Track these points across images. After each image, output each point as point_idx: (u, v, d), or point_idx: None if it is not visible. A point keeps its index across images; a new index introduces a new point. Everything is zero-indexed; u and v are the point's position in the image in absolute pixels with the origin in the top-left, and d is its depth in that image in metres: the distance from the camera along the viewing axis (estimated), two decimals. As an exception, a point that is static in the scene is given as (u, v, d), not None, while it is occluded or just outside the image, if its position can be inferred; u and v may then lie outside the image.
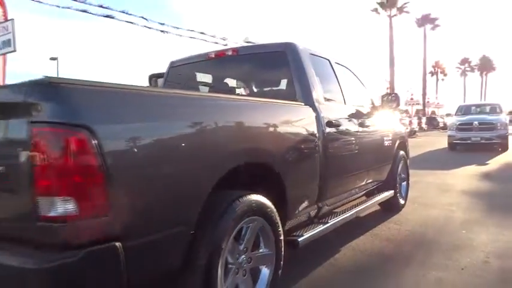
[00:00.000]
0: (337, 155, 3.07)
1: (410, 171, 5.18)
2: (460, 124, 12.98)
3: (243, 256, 2.07)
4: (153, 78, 4.58)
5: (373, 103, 4.13)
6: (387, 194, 4.16)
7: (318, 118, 2.81)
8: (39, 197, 1.32)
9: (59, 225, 1.32)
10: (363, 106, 3.85)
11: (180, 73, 3.58)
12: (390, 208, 4.49)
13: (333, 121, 2.99)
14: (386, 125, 4.27)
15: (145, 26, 15.76)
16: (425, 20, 35.24)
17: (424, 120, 32.11)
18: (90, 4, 12.61)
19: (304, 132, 2.65)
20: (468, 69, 57.24)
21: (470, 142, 12.52)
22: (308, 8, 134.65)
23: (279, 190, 2.36)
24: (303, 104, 2.77)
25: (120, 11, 13.70)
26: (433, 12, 37.21)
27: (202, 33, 19.04)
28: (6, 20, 10.05)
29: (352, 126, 3.36)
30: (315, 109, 2.82)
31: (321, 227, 2.81)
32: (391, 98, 4.00)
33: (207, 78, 3.58)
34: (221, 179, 1.89)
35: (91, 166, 1.33)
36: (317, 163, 2.77)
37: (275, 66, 3.06)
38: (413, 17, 33.62)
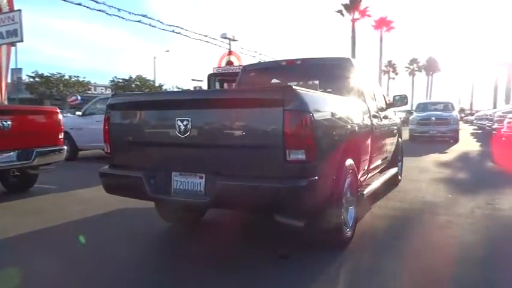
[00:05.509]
0: (376, 137, 4.33)
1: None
2: (420, 119, 14.97)
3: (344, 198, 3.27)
4: (212, 77, 5.61)
5: (385, 100, 5.45)
6: (395, 169, 5.54)
7: (369, 111, 4.06)
8: (287, 149, 2.44)
9: (297, 165, 2.45)
10: (381, 102, 5.16)
11: (252, 76, 4.66)
12: (392, 182, 5.86)
13: (376, 114, 4.26)
14: (393, 117, 5.64)
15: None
16: (381, 23, 38.01)
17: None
18: None
19: (364, 121, 3.88)
20: (416, 69, 61.86)
21: (429, 135, 14.53)
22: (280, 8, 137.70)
23: (356, 160, 3.57)
24: (361, 101, 4.00)
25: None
26: (388, 16, 39.78)
27: (183, 28, 19.68)
28: (11, 10, 10.32)
29: (381, 118, 4.65)
30: (366, 105, 4.07)
31: (371, 187, 4.09)
32: (402, 97, 5.34)
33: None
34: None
35: (312, 133, 2.48)
36: (369, 143, 4.01)
37: (337, 74, 4.25)
38: (372, 20, 36.10)
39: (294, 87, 2.51)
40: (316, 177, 2.54)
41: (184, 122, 2.70)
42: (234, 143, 2.64)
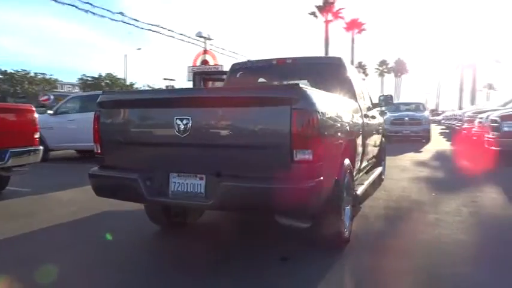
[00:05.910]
0: (366, 136, 4.34)
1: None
2: (393, 119, 15.30)
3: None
4: (196, 75, 5.47)
5: (371, 100, 5.49)
6: (380, 168, 5.59)
7: (360, 110, 4.06)
8: (294, 149, 2.36)
9: (304, 165, 2.38)
10: (368, 102, 5.19)
11: (240, 74, 4.56)
12: (377, 181, 5.92)
13: (366, 113, 4.27)
14: (378, 116, 5.69)
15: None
16: (353, 25, 38.78)
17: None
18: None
19: (357, 121, 3.87)
20: (385, 70, 63.52)
21: (402, 135, 14.89)
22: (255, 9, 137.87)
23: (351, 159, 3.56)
24: (353, 100, 3.99)
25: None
26: (360, 18, 40.57)
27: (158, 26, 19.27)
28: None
29: (370, 117, 4.67)
30: (358, 104, 4.06)
31: (363, 187, 4.09)
32: (387, 97, 5.39)
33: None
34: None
35: (319, 133, 2.42)
36: (361, 141, 4.01)
37: (328, 73, 4.22)
38: (344, 22, 36.75)
39: (301, 85, 2.44)
40: (322, 178, 2.49)
41: (184, 121, 2.56)
42: (238, 143, 2.53)
